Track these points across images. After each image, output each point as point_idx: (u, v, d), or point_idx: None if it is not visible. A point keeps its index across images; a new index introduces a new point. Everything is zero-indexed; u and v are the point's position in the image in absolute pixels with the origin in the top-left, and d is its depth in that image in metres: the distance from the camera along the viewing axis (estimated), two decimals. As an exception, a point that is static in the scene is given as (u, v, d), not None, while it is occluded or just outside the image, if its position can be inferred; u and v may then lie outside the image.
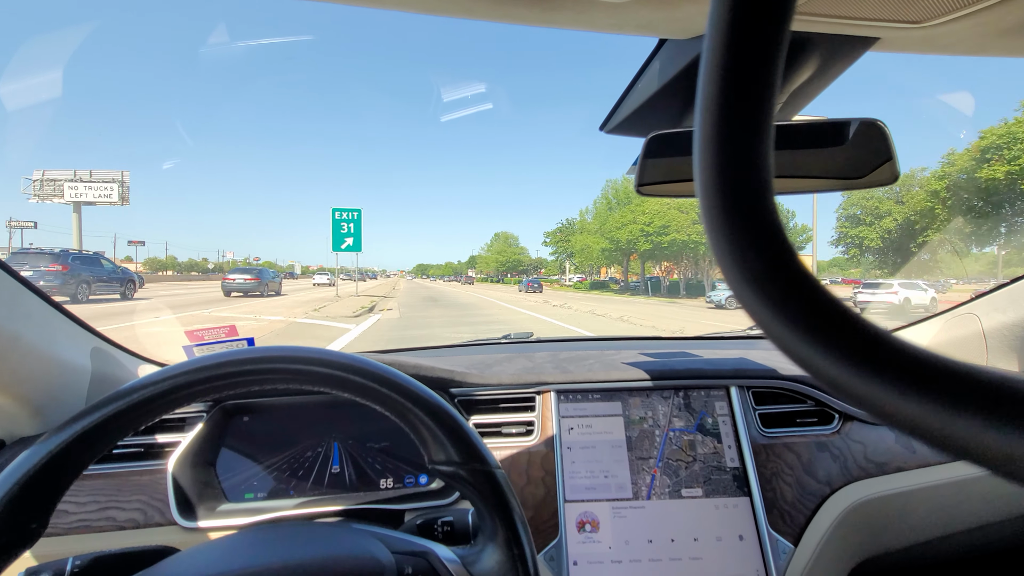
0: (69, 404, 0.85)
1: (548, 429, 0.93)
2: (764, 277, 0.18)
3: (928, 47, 0.62)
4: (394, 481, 0.89)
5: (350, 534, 0.52)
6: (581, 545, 0.85)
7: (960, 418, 0.14)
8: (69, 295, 12.53)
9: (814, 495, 0.89)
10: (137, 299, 15.54)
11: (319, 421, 0.92)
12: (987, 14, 0.53)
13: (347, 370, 0.49)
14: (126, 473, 0.84)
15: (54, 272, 12.48)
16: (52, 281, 12.24)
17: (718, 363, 1.01)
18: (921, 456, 0.93)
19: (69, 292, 12.56)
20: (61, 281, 12.46)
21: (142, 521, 0.80)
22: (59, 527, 0.78)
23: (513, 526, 0.50)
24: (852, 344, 0.16)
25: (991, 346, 0.95)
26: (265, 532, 0.53)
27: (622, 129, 0.83)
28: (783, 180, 0.74)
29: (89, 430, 0.43)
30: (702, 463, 0.91)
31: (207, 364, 0.47)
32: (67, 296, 12.45)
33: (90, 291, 13.57)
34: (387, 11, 0.57)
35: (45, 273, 12.27)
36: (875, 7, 0.53)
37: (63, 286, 12.44)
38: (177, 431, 0.88)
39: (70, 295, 12.55)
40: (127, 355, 1.03)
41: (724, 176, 0.19)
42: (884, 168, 0.68)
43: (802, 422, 0.97)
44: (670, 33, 0.62)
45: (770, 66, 0.18)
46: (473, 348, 1.36)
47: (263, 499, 0.86)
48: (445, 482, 0.60)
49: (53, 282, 12.25)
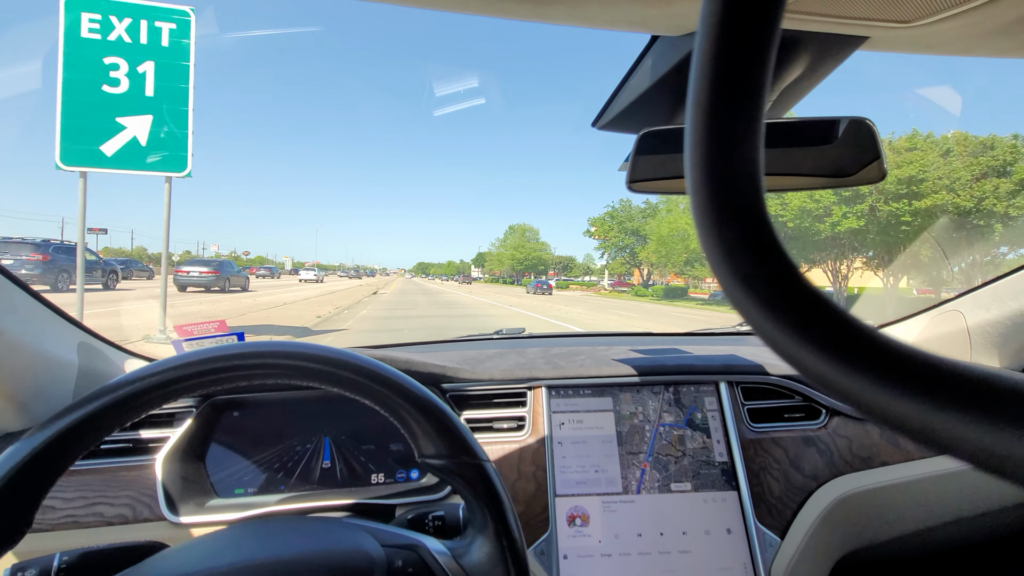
0: (56, 399, 0.84)
1: (539, 424, 0.93)
2: (753, 274, 0.18)
3: (917, 47, 0.63)
4: (385, 476, 0.89)
5: (340, 528, 0.52)
6: (571, 539, 0.85)
7: (942, 413, 0.14)
8: (49, 284, 12.75)
9: (800, 489, 0.90)
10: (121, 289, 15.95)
11: (310, 416, 0.92)
12: (973, 15, 0.53)
13: (337, 365, 0.49)
14: (114, 468, 0.83)
15: (34, 261, 12.66)
16: (32, 270, 12.49)
17: (708, 359, 1.02)
18: (905, 451, 0.94)
19: (49, 281, 12.76)
20: (41, 270, 12.65)
21: (131, 517, 0.80)
22: (46, 523, 0.77)
23: (503, 518, 0.50)
24: (839, 340, 0.17)
25: (975, 343, 0.96)
26: (255, 527, 0.53)
27: (614, 125, 0.83)
28: (773, 178, 0.75)
29: (76, 425, 0.43)
30: (691, 458, 0.92)
31: (196, 359, 0.47)
32: (47, 285, 12.68)
33: (70, 280, 13.43)
34: (381, 5, 0.56)
35: (26, 262, 12.50)
36: (864, 6, 0.54)
37: (43, 275, 12.64)
38: (166, 426, 0.87)
39: (50, 284, 12.77)
40: (115, 350, 1.02)
41: (714, 173, 0.19)
42: (872, 167, 0.69)
43: (790, 417, 0.98)
44: (663, 29, 0.63)
45: (761, 63, 0.18)
46: (465, 344, 1.36)
47: (253, 495, 0.86)
48: (435, 476, 0.60)
49: (33, 271, 12.49)
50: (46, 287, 12.59)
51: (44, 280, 12.66)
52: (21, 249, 12.90)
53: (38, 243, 13.25)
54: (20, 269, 12.16)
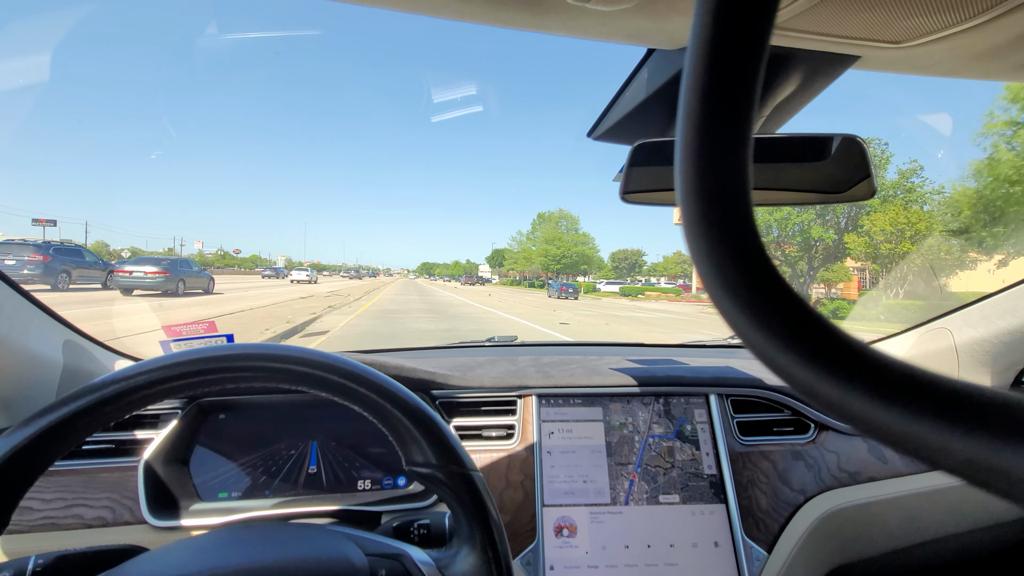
0: (38, 398, 0.83)
1: (529, 433, 0.93)
2: (742, 287, 0.18)
3: (907, 67, 0.64)
4: (372, 483, 0.89)
5: (323, 535, 0.51)
6: (558, 550, 0.85)
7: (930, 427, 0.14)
8: (49, 284, 13.31)
9: (788, 503, 0.90)
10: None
11: (297, 420, 0.91)
12: (961, 38, 0.54)
13: (326, 369, 0.48)
14: (95, 470, 0.82)
15: (35, 262, 13.21)
16: (34, 270, 13.07)
17: (698, 371, 1.03)
18: (892, 467, 0.95)
19: (49, 281, 13.32)
20: (42, 270, 13.21)
21: (111, 519, 0.78)
22: (22, 524, 0.76)
23: (489, 529, 0.49)
24: (828, 353, 0.17)
25: (963, 360, 0.97)
26: (237, 532, 0.52)
27: (609, 136, 0.84)
28: (765, 192, 0.76)
29: (57, 425, 0.42)
30: (680, 470, 0.92)
31: (183, 360, 0.46)
32: (47, 285, 13.25)
33: (70, 280, 14.10)
34: (379, 10, 0.57)
35: (27, 263, 13.08)
36: (857, 26, 0.55)
37: (44, 275, 13.20)
38: (151, 427, 0.86)
39: (50, 284, 13.33)
40: (101, 349, 1.00)
41: (703, 185, 0.19)
42: (862, 184, 0.70)
43: (779, 431, 0.98)
44: (658, 43, 0.63)
45: (750, 78, 0.18)
46: (456, 351, 1.35)
47: (237, 499, 0.85)
48: (422, 484, 0.59)
49: (35, 271, 13.07)
50: (46, 286, 13.27)
51: (44, 280, 13.24)
52: (23, 250, 13.49)
53: (39, 244, 13.92)
54: (23, 269, 12.87)
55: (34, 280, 13.05)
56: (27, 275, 12.96)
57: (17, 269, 13.01)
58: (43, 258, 13.38)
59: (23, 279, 11.83)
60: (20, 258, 13.10)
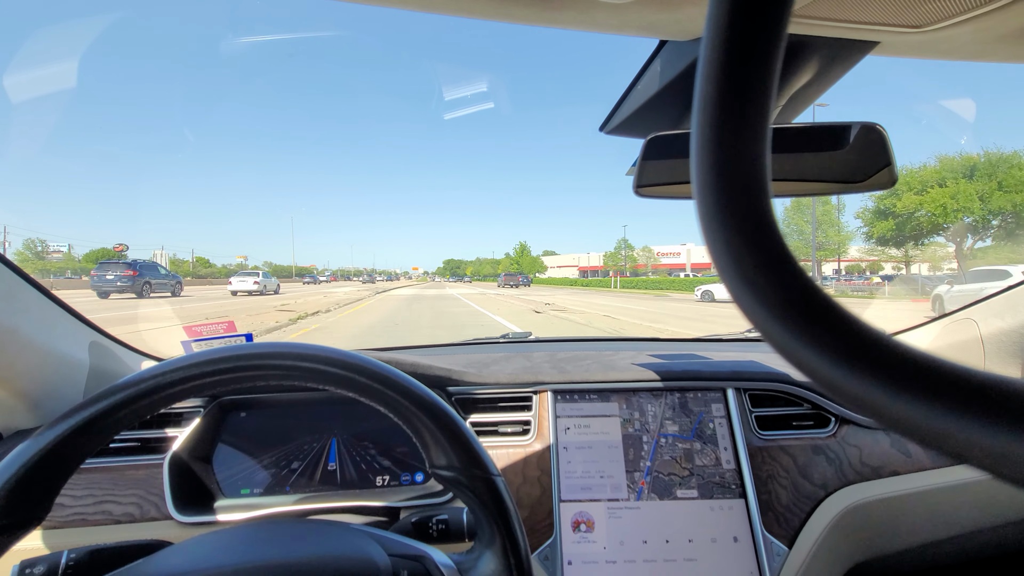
0: (67, 397, 0.85)
1: (545, 429, 0.93)
2: (760, 279, 0.18)
3: (928, 52, 0.62)
4: (390, 478, 0.89)
5: (347, 534, 0.52)
6: (576, 545, 0.85)
7: (958, 421, 0.14)
8: (136, 292, 17.37)
9: (809, 498, 0.89)
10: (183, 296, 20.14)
11: (316, 418, 0.92)
12: (986, 19, 0.53)
13: (350, 369, 0.49)
14: (123, 467, 0.84)
15: (128, 276, 17.25)
16: (127, 283, 17.15)
17: (715, 365, 1.02)
18: (916, 460, 0.93)
19: (136, 291, 17.37)
20: (131, 282, 17.21)
21: (138, 515, 0.80)
22: (55, 520, 0.78)
23: (511, 534, 0.49)
24: (850, 346, 0.16)
25: (988, 351, 0.95)
26: (261, 528, 0.53)
27: (622, 130, 0.83)
28: (783, 183, 0.74)
29: (85, 424, 0.43)
30: (698, 464, 0.91)
31: (205, 359, 0.47)
32: (134, 293, 17.40)
33: (151, 290, 18.27)
34: (390, 10, 0.57)
35: (121, 276, 17.19)
36: (875, 11, 0.54)
37: (132, 286, 17.23)
38: (174, 426, 0.88)
39: (137, 292, 17.38)
40: (125, 349, 1.03)
41: (720, 178, 0.19)
42: (883, 173, 0.68)
43: (798, 425, 0.97)
44: (671, 34, 0.63)
45: (767, 68, 0.18)
46: (471, 347, 1.36)
47: (259, 495, 0.86)
48: (444, 487, 0.60)
49: (127, 283, 17.14)
50: (133, 295, 17.27)
51: (133, 289, 17.25)
52: (118, 268, 17.51)
53: (130, 262, 18.15)
54: (117, 282, 17.04)
55: (126, 290, 17.06)
56: (121, 287, 16.96)
57: (113, 283, 17.01)
58: (132, 273, 17.29)
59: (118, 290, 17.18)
60: (117, 274, 17.10)
